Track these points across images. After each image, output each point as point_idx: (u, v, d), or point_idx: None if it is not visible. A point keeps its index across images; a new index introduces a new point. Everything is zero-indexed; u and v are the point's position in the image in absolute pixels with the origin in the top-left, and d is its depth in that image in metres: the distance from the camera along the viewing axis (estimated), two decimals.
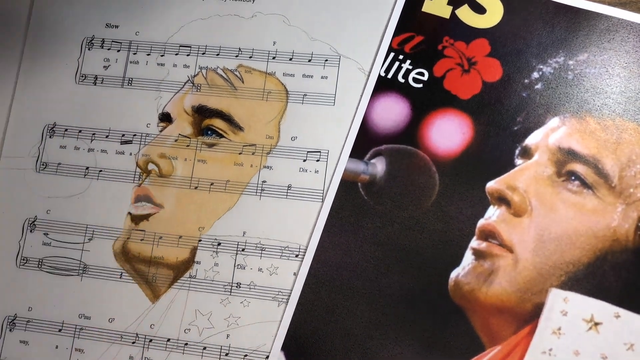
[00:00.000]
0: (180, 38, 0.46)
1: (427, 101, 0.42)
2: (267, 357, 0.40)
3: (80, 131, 0.46)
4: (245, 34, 0.45)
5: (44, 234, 0.44)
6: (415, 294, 0.39)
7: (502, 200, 0.39)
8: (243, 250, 0.42)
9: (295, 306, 0.40)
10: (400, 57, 0.43)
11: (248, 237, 0.42)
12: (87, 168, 0.45)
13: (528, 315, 0.37)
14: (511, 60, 0.42)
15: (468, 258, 0.39)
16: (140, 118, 0.45)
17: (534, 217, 0.39)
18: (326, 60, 0.44)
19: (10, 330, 0.43)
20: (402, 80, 0.43)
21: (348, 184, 0.42)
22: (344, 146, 0.42)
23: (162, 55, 0.46)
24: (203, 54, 0.46)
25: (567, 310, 0.37)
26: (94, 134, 0.45)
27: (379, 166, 0.41)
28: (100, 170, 0.45)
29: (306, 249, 0.41)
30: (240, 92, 0.44)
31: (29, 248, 0.44)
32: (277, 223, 0.42)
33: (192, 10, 0.46)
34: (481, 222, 0.39)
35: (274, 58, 0.45)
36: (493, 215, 0.39)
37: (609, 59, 0.41)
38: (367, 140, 0.42)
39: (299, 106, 0.44)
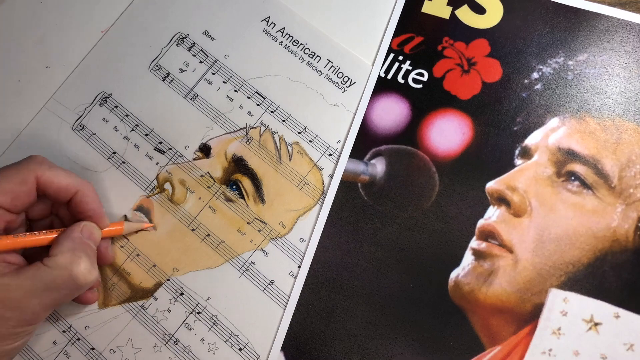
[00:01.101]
0: (260, 84, 0.44)
1: (427, 102, 0.42)
2: (268, 357, 0.40)
3: (127, 115, 0.45)
4: (319, 117, 0.43)
5: None
6: (415, 294, 0.39)
7: (501, 200, 0.39)
8: (199, 313, 0.41)
9: (295, 306, 0.40)
10: (400, 57, 0.43)
11: (209, 304, 0.41)
12: (115, 153, 0.44)
13: (528, 316, 0.37)
14: (511, 60, 0.42)
15: (468, 258, 0.39)
16: (184, 136, 0.44)
17: (534, 218, 0.39)
18: None
19: None
20: (402, 81, 0.43)
21: (348, 185, 0.42)
22: (343, 146, 0.42)
23: (235, 91, 0.45)
24: (272, 112, 0.44)
25: (566, 311, 0.37)
26: (137, 125, 0.45)
27: (378, 167, 0.41)
28: (124, 162, 0.44)
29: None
30: (283, 168, 0.43)
31: None
32: (242, 309, 0.41)
33: (287, 66, 0.45)
34: (481, 223, 0.39)
35: (330, 155, 0.43)
36: (493, 215, 0.39)
37: (609, 59, 0.41)
38: (367, 141, 0.42)
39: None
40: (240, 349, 0.40)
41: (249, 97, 0.44)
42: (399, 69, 0.43)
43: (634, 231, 0.37)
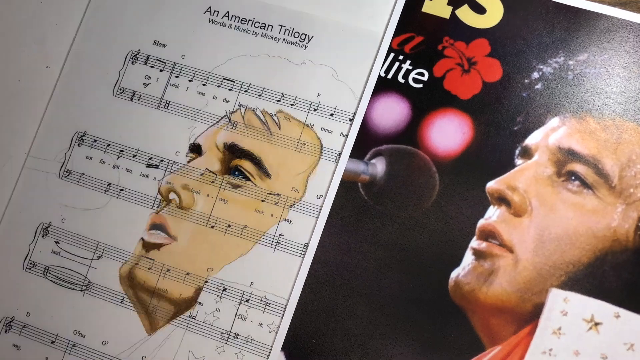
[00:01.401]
0: (225, 70, 0.44)
1: (427, 101, 0.42)
2: (267, 357, 0.40)
3: (108, 145, 0.45)
4: (291, 79, 0.43)
5: (55, 242, 0.43)
6: (415, 294, 0.39)
7: (502, 200, 0.39)
8: (247, 300, 0.41)
9: (295, 306, 0.40)
10: (400, 57, 0.43)
11: (255, 288, 0.41)
12: (109, 184, 0.44)
13: (528, 316, 0.37)
14: (511, 60, 0.42)
15: (468, 258, 0.39)
16: (170, 144, 0.44)
17: (534, 217, 0.39)
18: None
19: (5, 332, 0.42)
20: (402, 81, 0.43)
21: (348, 184, 0.42)
22: (344, 146, 0.42)
23: (204, 85, 0.44)
24: (245, 91, 0.44)
25: (567, 310, 0.37)
26: (122, 150, 0.44)
27: (379, 166, 0.41)
28: (121, 190, 0.44)
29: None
30: (275, 139, 0.43)
31: (38, 253, 0.43)
32: (287, 281, 0.41)
33: (244, 44, 0.44)
34: (481, 222, 0.39)
35: (315, 110, 0.43)
36: (493, 215, 0.39)
37: (609, 59, 0.41)
38: (367, 141, 0.42)
39: (331, 165, 0.42)
40: None
41: (218, 86, 0.44)
42: (399, 68, 0.43)
43: (634, 231, 0.37)
